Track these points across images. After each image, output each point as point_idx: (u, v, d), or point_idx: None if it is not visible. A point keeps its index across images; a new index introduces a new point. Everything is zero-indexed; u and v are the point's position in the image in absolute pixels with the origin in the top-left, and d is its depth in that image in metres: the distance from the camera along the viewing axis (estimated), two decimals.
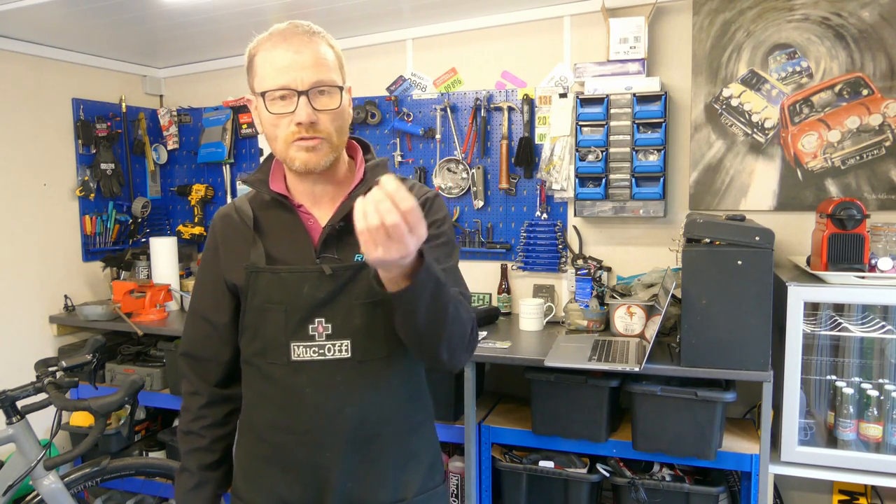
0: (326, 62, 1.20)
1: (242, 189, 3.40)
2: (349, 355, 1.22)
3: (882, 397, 2.11)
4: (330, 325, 1.21)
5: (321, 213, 1.26)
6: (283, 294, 1.21)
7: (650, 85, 2.55)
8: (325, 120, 1.17)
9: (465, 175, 3.00)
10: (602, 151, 2.61)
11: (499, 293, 2.95)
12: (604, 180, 2.62)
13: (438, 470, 1.35)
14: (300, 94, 1.15)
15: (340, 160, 1.27)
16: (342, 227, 1.22)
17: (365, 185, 1.23)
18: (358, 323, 1.21)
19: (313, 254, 1.23)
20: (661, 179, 2.56)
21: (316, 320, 1.20)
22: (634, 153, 2.57)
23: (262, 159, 1.36)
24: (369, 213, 0.89)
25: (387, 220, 0.89)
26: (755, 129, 2.59)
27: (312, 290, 1.21)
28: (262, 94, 1.17)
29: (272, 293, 1.22)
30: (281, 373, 1.22)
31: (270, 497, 1.27)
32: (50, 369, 2.08)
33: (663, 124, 2.54)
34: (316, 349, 1.21)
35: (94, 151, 3.25)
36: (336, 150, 1.21)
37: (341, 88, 1.20)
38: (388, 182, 0.90)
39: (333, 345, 1.21)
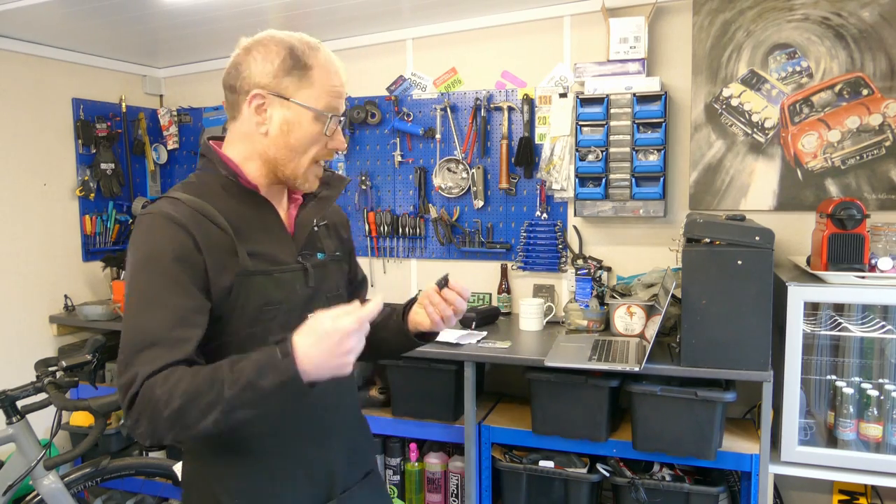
0: None
1: None
2: None
3: (882, 397, 2.11)
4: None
5: (281, 209, 1.27)
6: (280, 294, 1.19)
7: (650, 85, 2.55)
8: None
9: (465, 175, 3.00)
10: (602, 151, 2.61)
11: (499, 293, 2.95)
12: (604, 180, 2.62)
13: None
14: (340, 122, 1.21)
15: None
16: (318, 226, 1.30)
17: (329, 189, 1.32)
18: None
19: (294, 250, 1.24)
20: (661, 179, 2.56)
21: (308, 315, 1.12)
22: (634, 153, 2.57)
23: (206, 154, 1.24)
24: (461, 307, 1.27)
25: (462, 308, 1.28)
26: (755, 129, 2.59)
27: (303, 287, 1.23)
28: (319, 112, 1.17)
29: (270, 294, 1.18)
30: None
31: None
32: (50, 369, 2.08)
33: (663, 124, 2.54)
34: None
35: (94, 151, 3.25)
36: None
37: None
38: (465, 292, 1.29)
39: None
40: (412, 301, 1.37)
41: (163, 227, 1.10)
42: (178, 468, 1.34)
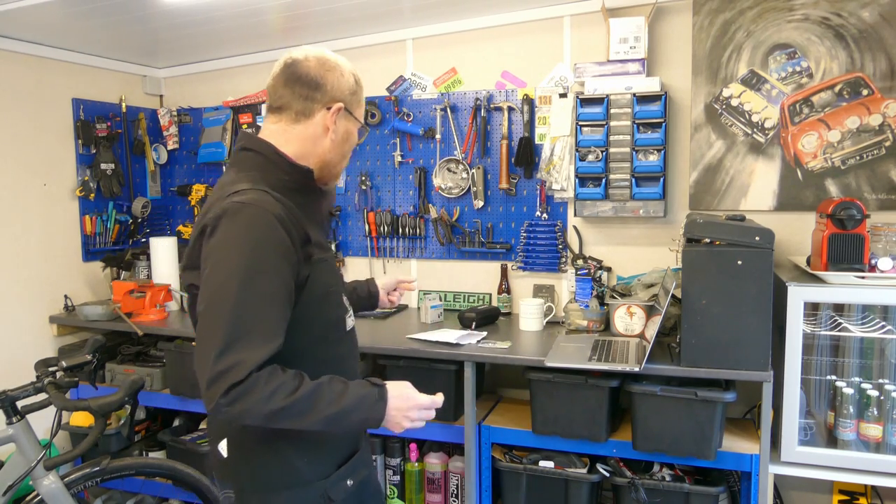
0: None
1: None
2: (353, 322, 1.51)
3: (882, 397, 2.11)
4: (346, 297, 1.49)
5: None
6: (334, 278, 1.42)
7: (650, 85, 2.55)
8: None
9: (465, 175, 3.00)
10: (602, 151, 2.61)
11: (499, 293, 2.95)
12: (604, 180, 2.62)
13: None
14: None
15: None
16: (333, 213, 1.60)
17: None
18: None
19: (328, 236, 1.54)
20: (661, 179, 2.56)
21: (344, 296, 1.46)
22: (634, 153, 2.57)
23: (263, 151, 1.36)
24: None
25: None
26: (755, 129, 2.59)
27: (338, 270, 1.48)
28: (362, 126, 1.45)
29: (328, 280, 1.37)
30: (333, 351, 1.40)
31: (336, 456, 1.41)
32: (50, 369, 2.08)
33: (663, 124, 2.54)
34: (351, 316, 1.49)
35: (94, 151, 3.25)
36: None
37: None
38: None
39: (351, 312, 1.50)
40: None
41: (267, 222, 1.22)
42: (222, 446, 1.38)
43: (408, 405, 1.30)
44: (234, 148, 1.43)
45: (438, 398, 1.35)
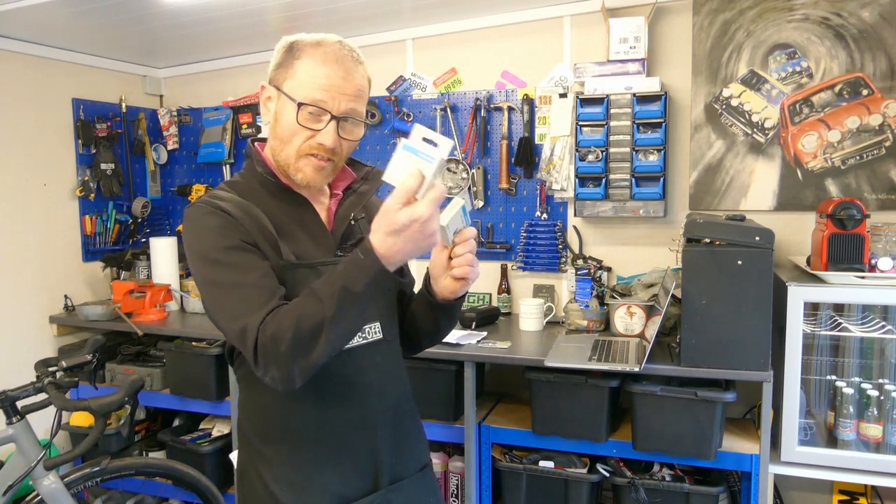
0: (364, 94, 1.22)
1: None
2: (381, 336, 1.28)
3: (882, 397, 2.11)
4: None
5: (320, 204, 1.30)
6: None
7: (650, 85, 2.55)
8: (344, 147, 1.21)
9: (465, 175, 3.00)
10: (602, 151, 2.61)
11: (499, 293, 2.95)
12: (604, 180, 2.62)
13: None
14: (333, 118, 1.17)
15: None
16: (356, 220, 1.30)
17: (368, 183, 1.34)
18: (382, 304, 1.28)
19: (333, 244, 1.25)
20: (661, 179, 2.56)
21: None
22: (634, 153, 2.57)
23: (248, 154, 1.30)
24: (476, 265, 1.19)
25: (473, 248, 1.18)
26: (755, 129, 2.59)
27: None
28: (296, 102, 1.15)
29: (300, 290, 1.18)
30: (329, 366, 1.13)
31: (326, 498, 1.21)
32: (50, 369, 2.08)
33: (663, 124, 2.54)
34: (359, 334, 1.23)
35: (94, 151, 3.25)
36: (336, 171, 1.26)
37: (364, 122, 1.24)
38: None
39: (369, 328, 1.26)
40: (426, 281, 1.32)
41: (216, 215, 1.14)
42: (234, 456, 1.35)
43: (412, 230, 1.00)
44: None
45: (435, 190, 1.02)
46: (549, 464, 2.35)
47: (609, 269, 2.81)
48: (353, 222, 1.29)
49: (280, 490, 1.21)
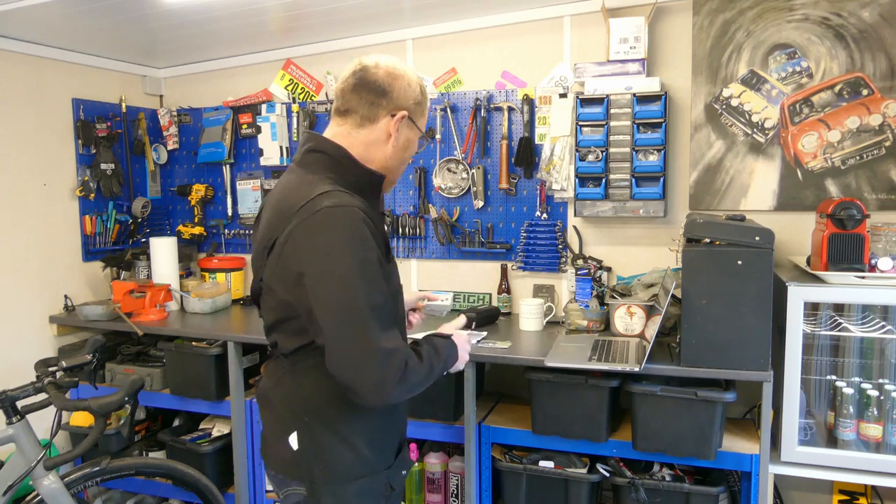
0: None
1: (245, 188, 3.40)
2: None
3: (882, 397, 2.11)
4: None
5: None
6: (398, 279, 1.52)
7: (650, 85, 2.55)
8: None
9: (465, 175, 3.00)
10: (602, 151, 2.61)
11: (499, 293, 2.95)
12: (604, 180, 2.62)
13: None
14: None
15: None
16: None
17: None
18: None
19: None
20: (661, 179, 2.56)
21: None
22: (634, 153, 2.57)
23: (334, 154, 1.45)
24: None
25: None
26: (755, 129, 2.59)
27: None
28: (421, 134, 1.53)
29: (396, 280, 1.50)
30: None
31: (393, 451, 1.55)
32: (50, 369, 2.08)
33: (663, 124, 2.54)
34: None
35: (94, 151, 3.25)
36: None
37: None
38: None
39: None
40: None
41: (361, 220, 1.31)
42: (293, 439, 1.45)
43: (462, 341, 1.58)
44: (302, 147, 1.48)
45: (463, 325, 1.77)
46: (549, 464, 2.35)
47: (609, 269, 2.81)
48: (384, 214, 1.65)
49: (369, 447, 1.46)
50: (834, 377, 2.18)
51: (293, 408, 1.45)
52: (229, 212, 3.49)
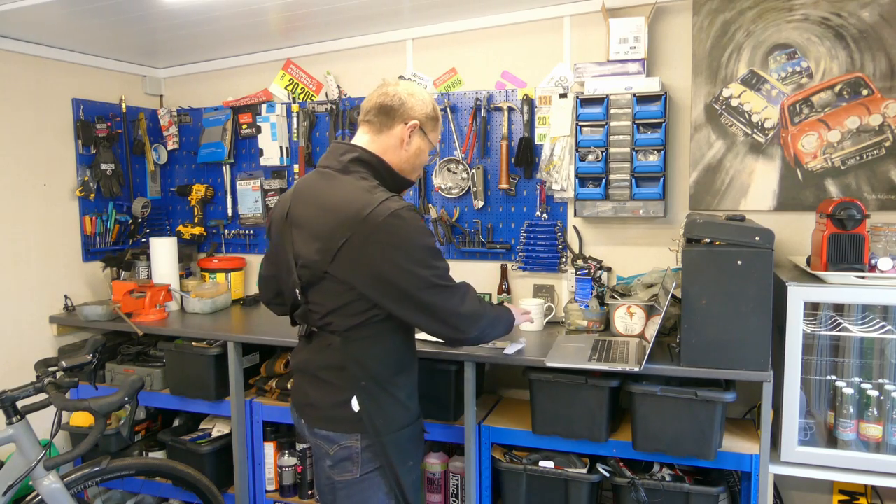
0: None
1: (245, 189, 3.40)
2: None
3: (882, 397, 2.11)
4: None
5: None
6: None
7: (650, 85, 2.55)
8: None
9: (465, 175, 3.00)
10: (602, 151, 2.61)
11: (499, 293, 2.95)
12: (604, 180, 2.62)
13: None
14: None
15: None
16: None
17: None
18: None
19: None
20: (661, 179, 2.56)
21: None
22: (634, 153, 2.57)
23: (369, 160, 1.72)
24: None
25: None
26: (755, 129, 2.59)
27: None
28: (432, 146, 1.82)
29: None
30: (413, 337, 1.89)
31: (419, 405, 1.88)
32: (50, 369, 2.08)
33: (663, 124, 2.54)
34: None
35: (94, 151, 3.25)
36: None
37: None
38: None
39: None
40: None
41: (421, 219, 1.66)
42: (354, 401, 1.72)
43: (518, 311, 2.11)
44: (343, 156, 1.71)
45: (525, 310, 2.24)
46: (549, 464, 2.35)
47: (609, 269, 2.81)
48: None
49: (409, 400, 1.81)
50: (834, 377, 2.18)
51: (350, 375, 1.70)
52: (229, 212, 3.49)
